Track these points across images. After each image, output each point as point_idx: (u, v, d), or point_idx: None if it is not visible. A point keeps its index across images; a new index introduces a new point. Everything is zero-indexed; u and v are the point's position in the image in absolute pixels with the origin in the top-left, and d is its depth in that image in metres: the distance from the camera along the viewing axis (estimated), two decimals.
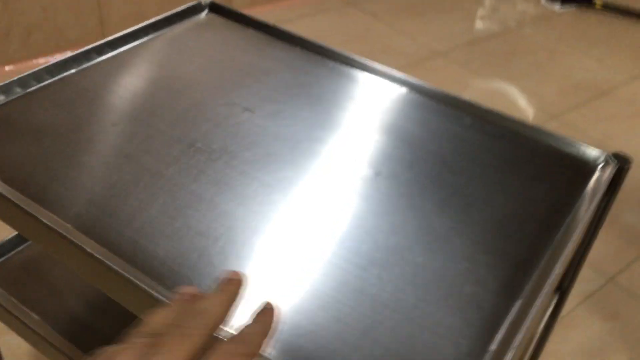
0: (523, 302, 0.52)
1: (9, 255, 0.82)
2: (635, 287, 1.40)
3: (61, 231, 0.53)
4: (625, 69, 2.25)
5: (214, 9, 0.88)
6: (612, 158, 0.67)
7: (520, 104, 2.02)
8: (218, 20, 0.87)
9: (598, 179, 0.66)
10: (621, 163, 0.67)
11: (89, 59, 0.76)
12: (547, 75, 2.19)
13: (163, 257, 0.53)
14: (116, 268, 0.50)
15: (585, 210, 0.61)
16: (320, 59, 0.81)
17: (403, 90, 0.77)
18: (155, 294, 0.49)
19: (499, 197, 0.63)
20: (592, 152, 0.68)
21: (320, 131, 0.69)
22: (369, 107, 0.74)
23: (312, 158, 0.65)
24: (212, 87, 0.74)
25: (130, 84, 0.73)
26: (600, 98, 2.09)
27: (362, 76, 0.79)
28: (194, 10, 0.87)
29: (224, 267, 0.53)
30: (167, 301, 0.48)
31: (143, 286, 0.49)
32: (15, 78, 0.70)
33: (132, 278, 0.50)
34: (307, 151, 0.66)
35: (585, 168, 0.67)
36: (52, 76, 0.73)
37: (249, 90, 0.74)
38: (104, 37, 0.78)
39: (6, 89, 0.69)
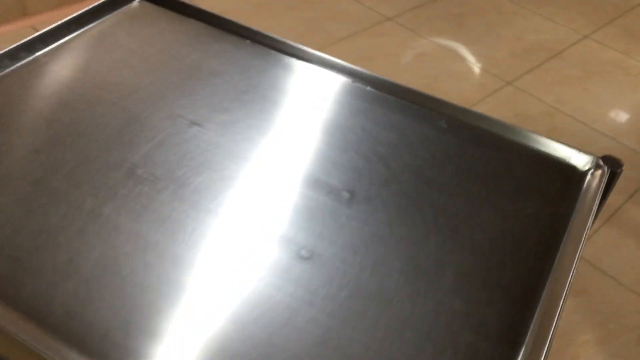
0: (527, 351, 0.46)
1: None
2: (598, 260, 1.39)
3: None
4: (576, 27, 2.22)
5: None
6: (602, 162, 0.62)
7: (473, 69, 1.96)
8: (152, 9, 0.76)
9: (589, 186, 0.60)
10: (612, 167, 0.61)
11: (0, 67, 0.64)
12: (498, 37, 2.14)
13: (105, 327, 0.44)
14: (48, 355, 0.41)
15: (581, 227, 0.55)
16: (274, 54, 0.71)
17: (368, 89, 0.68)
18: None
19: (487, 215, 0.56)
20: (580, 157, 0.62)
21: (280, 145, 0.60)
22: (333, 112, 0.65)
23: (275, 181, 0.57)
24: (151, 96, 0.63)
25: (53, 98, 0.62)
26: (553, 60, 2.06)
27: (321, 74, 0.70)
28: None
29: (183, 336, 0.44)
30: None
31: None
32: None
33: None
34: (268, 172, 0.57)
35: (574, 175, 0.61)
36: None
37: (195, 99, 0.64)
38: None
39: None
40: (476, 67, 1.99)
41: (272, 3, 2.16)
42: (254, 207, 0.54)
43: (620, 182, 1.54)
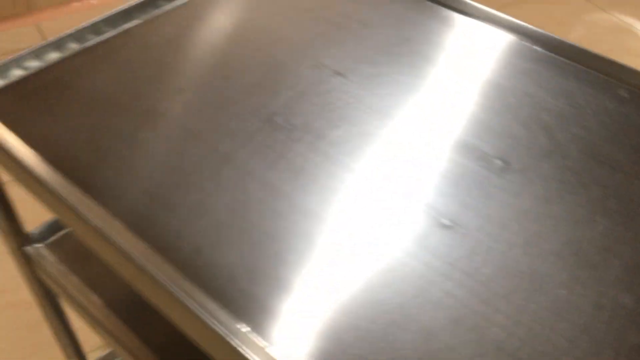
0: None
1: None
2: None
3: (108, 231, 0.44)
4: None
5: None
6: None
7: None
8: None
9: None
10: None
11: (156, 7, 0.65)
12: None
13: (231, 271, 0.42)
14: (174, 289, 0.40)
15: None
16: (431, 6, 0.65)
17: (536, 49, 0.60)
18: (221, 329, 0.38)
19: None
20: None
21: (428, 103, 0.55)
22: (492, 71, 0.58)
23: (418, 141, 0.52)
24: (296, 44, 0.61)
25: (202, 39, 0.61)
26: None
27: (482, 29, 0.63)
28: None
29: (308, 289, 0.41)
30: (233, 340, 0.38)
31: (202, 314, 0.39)
32: (70, 31, 0.60)
33: (190, 303, 0.39)
34: (412, 131, 0.53)
35: None
36: (113, 28, 0.62)
37: (341, 49, 0.60)
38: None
39: (60, 44, 0.59)
40: None
41: None
42: (392, 167, 0.49)
43: None
